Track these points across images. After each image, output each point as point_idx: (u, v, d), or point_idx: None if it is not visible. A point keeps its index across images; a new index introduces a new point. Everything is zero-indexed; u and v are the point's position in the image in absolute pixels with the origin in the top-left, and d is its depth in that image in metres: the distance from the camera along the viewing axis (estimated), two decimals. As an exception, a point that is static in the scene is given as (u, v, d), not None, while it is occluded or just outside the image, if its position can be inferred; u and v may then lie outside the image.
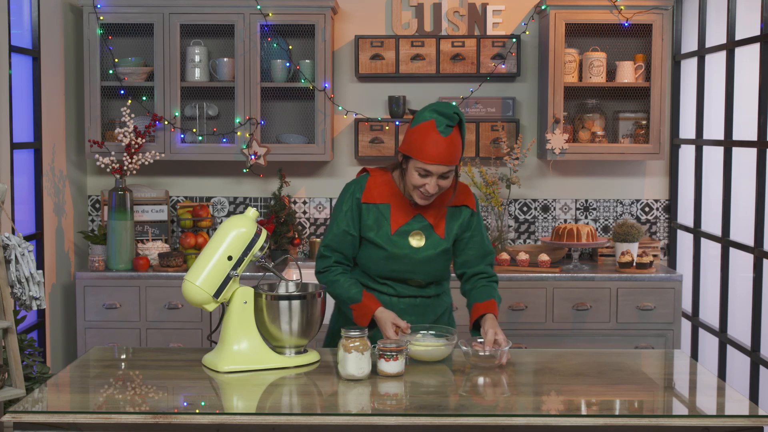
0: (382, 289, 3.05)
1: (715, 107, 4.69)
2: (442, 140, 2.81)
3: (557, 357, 2.94)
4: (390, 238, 2.98)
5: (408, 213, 2.99)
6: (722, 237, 4.44)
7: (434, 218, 3.00)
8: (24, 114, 4.46)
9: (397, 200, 3.00)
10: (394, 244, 2.98)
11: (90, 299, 4.61)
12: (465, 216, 3.04)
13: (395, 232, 2.98)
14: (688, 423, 2.35)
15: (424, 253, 2.98)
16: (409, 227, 2.99)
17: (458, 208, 3.04)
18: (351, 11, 5.13)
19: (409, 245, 2.98)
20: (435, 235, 2.99)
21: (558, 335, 4.63)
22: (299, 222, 5.18)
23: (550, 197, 5.19)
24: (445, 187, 2.90)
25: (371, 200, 3.01)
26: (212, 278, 2.76)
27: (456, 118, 2.83)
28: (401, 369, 2.68)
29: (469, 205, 3.05)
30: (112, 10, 4.78)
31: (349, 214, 3.01)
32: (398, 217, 2.99)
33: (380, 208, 3.00)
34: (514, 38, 4.97)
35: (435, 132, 2.81)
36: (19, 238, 3.39)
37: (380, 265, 3.01)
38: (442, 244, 3.00)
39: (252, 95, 4.82)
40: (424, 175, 2.86)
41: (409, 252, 2.98)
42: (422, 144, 2.82)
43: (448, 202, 3.01)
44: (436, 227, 3.00)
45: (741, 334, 4.33)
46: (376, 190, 3.01)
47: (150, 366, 2.84)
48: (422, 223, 2.99)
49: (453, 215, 3.03)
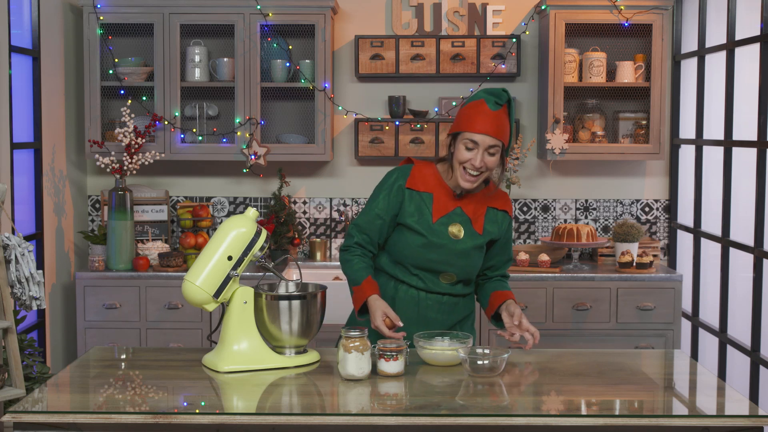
0: (412, 281, 3.04)
1: (715, 107, 4.69)
2: (490, 113, 2.87)
3: (557, 357, 2.94)
4: (431, 226, 2.99)
5: (449, 205, 3.01)
6: (722, 237, 4.44)
7: (473, 214, 3.02)
8: (24, 114, 4.46)
9: (440, 191, 3.02)
10: (434, 232, 2.99)
11: (90, 299, 4.61)
12: (503, 221, 3.08)
13: (436, 221, 2.99)
14: (688, 423, 2.35)
15: (462, 244, 3.00)
16: (449, 219, 3.00)
17: (498, 212, 3.07)
18: (351, 11, 5.13)
19: (448, 235, 3.00)
20: (473, 229, 3.02)
21: (558, 335, 4.63)
22: (299, 222, 5.18)
23: (550, 197, 5.19)
24: (491, 165, 2.92)
25: (414, 187, 3.01)
26: (212, 278, 2.76)
27: (505, 96, 2.90)
28: (401, 369, 2.68)
29: (508, 211, 3.10)
30: (112, 10, 4.78)
31: (386, 199, 3.01)
32: (440, 207, 3.00)
33: (423, 196, 3.01)
34: (514, 38, 4.97)
35: (484, 106, 2.88)
36: (19, 238, 3.39)
37: (417, 253, 3.01)
38: (478, 239, 3.02)
39: (252, 95, 4.82)
40: (471, 148, 2.89)
41: (447, 242, 2.99)
42: (471, 117, 2.89)
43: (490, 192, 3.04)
44: (474, 222, 3.02)
45: (741, 334, 4.33)
46: (421, 178, 3.02)
47: (150, 366, 2.84)
48: (462, 216, 3.01)
49: (492, 216, 3.06)
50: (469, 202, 3.03)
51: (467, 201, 3.03)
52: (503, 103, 2.90)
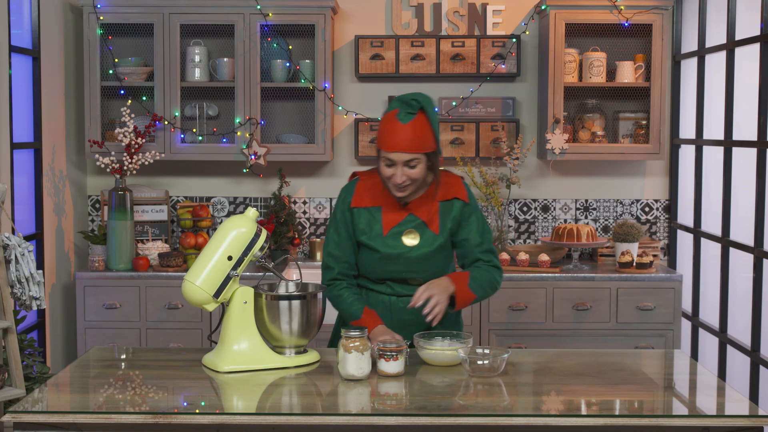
0: (381, 288, 3.04)
1: (715, 107, 4.69)
2: (401, 127, 2.81)
3: (557, 357, 2.94)
4: (383, 239, 2.97)
5: (400, 213, 2.98)
6: (722, 237, 4.44)
7: (427, 215, 2.98)
8: (24, 114, 4.46)
9: (388, 201, 2.99)
10: (387, 245, 2.97)
11: (90, 299, 4.61)
12: (457, 208, 3.00)
13: (388, 233, 2.97)
14: (688, 423, 2.35)
15: (418, 251, 2.97)
16: (401, 227, 2.97)
17: (450, 202, 3.00)
18: (351, 11, 5.13)
19: (403, 244, 2.97)
20: (429, 232, 2.97)
21: (558, 335, 4.64)
22: (299, 222, 5.18)
23: (550, 197, 5.19)
24: (415, 177, 2.86)
25: (362, 204, 3.00)
26: (212, 278, 2.76)
27: (415, 104, 2.82)
28: (401, 369, 2.68)
29: (460, 196, 3.00)
30: (112, 10, 4.78)
31: (343, 222, 3.02)
32: (390, 218, 2.97)
33: (371, 210, 2.99)
34: (514, 38, 4.97)
35: (395, 120, 2.82)
36: (19, 238, 3.39)
37: (376, 266, 3.01)
38: (437, 239, 2.98)
39: (252, 95, 4.82)
40: (389, 164, 2.85)
41: (403, 251, 2.96)
42: (384, 134, 2.84)
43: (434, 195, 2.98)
44: (429, 224, 2.97)
45: (741, 334, 4.33)
46: (366, 193, 3.00)
47: (150, 366, 2.84)
48: (415, 221, 2.98)
49: (446, 209, 3.00)
50: (418, 206, 2.98)
51: (416, 205, 2.98)
52: (415, 111, 2.82)
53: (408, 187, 2.89)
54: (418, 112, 2.83)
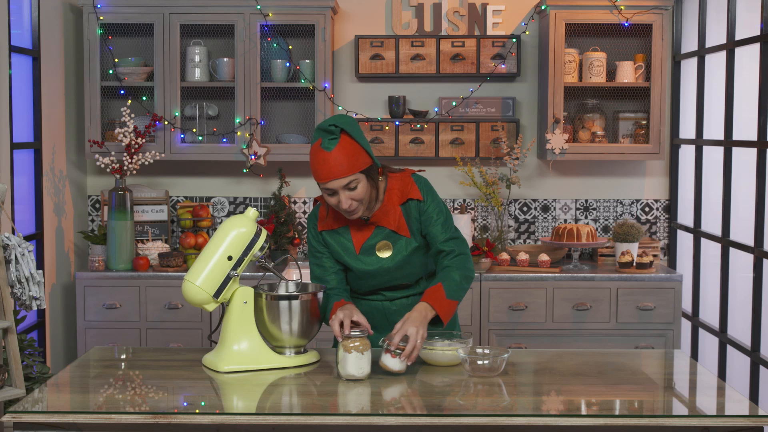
0: (372, 297, 3.05)
1: (715, 107, 4.69)
2: (327, 156, 2.76)
3: (557, 357, 2.94)
4: (357, 257, 2.96)
5: (367, 229, 2.96)
6: (722, 237, 4.44)
7: (394, 223, 2.94)
8: (24, 114, 4.46)
9: (353, 221, 2.96)
10: (362, 261, 2.95)
11: (90, 299, 4.61)
12: (413, 207, 2.96)
13: (360, 250, 2.95)
14: (688, 423, 2.35)
15: (394, 259, 2.95)
16: (372, 241, 2.95)
17: (406, 204, 2.96)
18: (351, 11, 5.13)
19: (378, 258, 2.95)
20: (402, 238, 2.95)
21: (558, 335, 4.63)
22: (299, 222, 5.18)
23: (550, 197, 5.19)
24: (360, 197, 2.82)
25: (329, 227, 2.97)
26: (212, 278, 2.76)
27: (335, 129, 2.77)
28: (403, 367, 2.68)
29: (413, 196, 2.96)
30: (112, 10, 4.78)
31: (317, 245, 3.00)
32: (359, 236, 2.95)
33: (339, 231, 2.97)
34: (514, 38, 4.97)
35: (320, 150, 2.77)
36: (19, 238, 3.39)
37: (360, 283, 3.01)
38: (411, 243, 2.95)
39: (252, 95, 4.82)
40: (330, 194, 2.82)
41: (379, 265, 2.95)
42: (314, 166, 2.79)
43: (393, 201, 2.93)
44: (399, 230, 2.94)
45: (741, 334, 4.33)
46: (330, 216, 2.97)
47: (150, 366, 2.84)
48: (383, 232, 2.95)
49: (407, 212, 2.96)
50: (382, 216, 2.94)
51: (380, 216, 2.94)
52: (338, 135, 2.77)
53: (358, 208, 2.85)
54: (340, 136, 2.77)
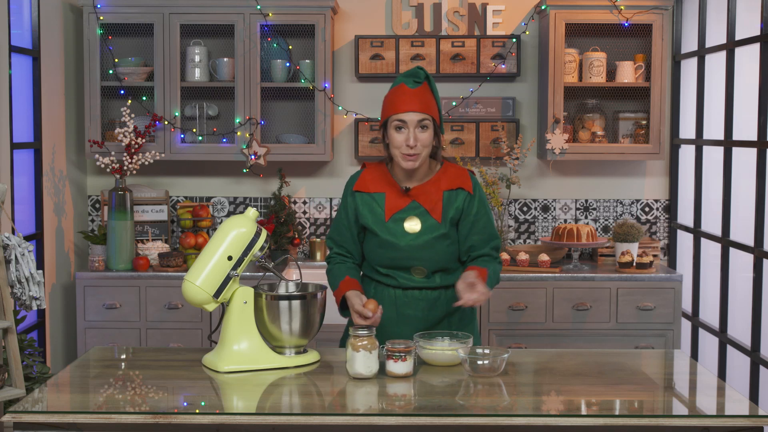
0: (385, 280, 3.05)
1: (715, 107, 4.69)
2: (410, 91, 2.91)
3: (557, 357, 2.94)
4: (384, 224, 3.00)
5: (403, 200, 3.01)
6: (722, 237, 4.44)
7: (430, 204, 3.00)
8: (24, 114, 4.46)
9: (392, 189, 3.03)
10: (388, 230, 2.99)
11: (90, 299, 4.61)
12: (461, 199, 3.01)
13: (390, 218, 3.00)
14: (688, 423, 2.35)
15: (420, 237, 2.98)
16: (404, 213, 3.00)
17: (454, 192, 3.02)
18: (351, 11, 5.13)
19: (404, 230, 2.99)
20: (431, 219, 2.99)
21: (558, 335, 4.64)
22: (299, 222, 5.18)
23: (550, 197, 5.19)
24: (425, 141, 2.91)
25: (364, 189, 3.05)
26: (212, 278, 2.76)
27: (421, 74, 2.94)
28: (409, 370, 2.67)
29: (465, 187, 3.01)
30: (112, 10, 4.78)
31: (345, 208, 3.09)
32: (392, 204, 3.01)
33: (374, 197, 3.04)
34: (514, 38, 4.97)
35: (403, 87, 2.93)
36: (19, 238, 3.39)
37: (379, 253, 3.03)
38: (439, 228, 2.99)
39: (252, 95, 4.82)
40: (400, 127, 2.91)
41: (403, 237, 2.99)
42: (393, 101, 2.93)
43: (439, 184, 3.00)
44: (432, 212, 2.99)
45: (741, 334, 4.33)
46: (371, 180, 3.06)
47: (150, 366, 2.84)
48: (418, 209, 3.00)
49: (449, 199, 3.01)
50: (421, 193, 3.01)
51: (419, 192, 3.01)
52: (422, 80, 2.94)
53: (418, 157, 2.93)
54: (424, 82, 2.94)
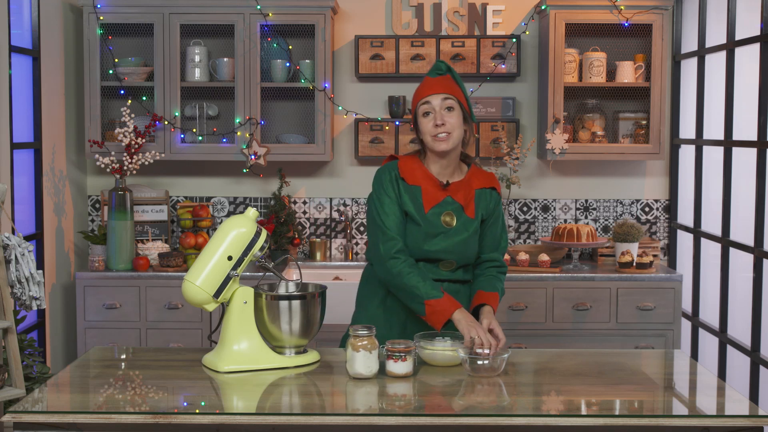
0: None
1: (715, 107, 4.69)
2: (432, 79, 3.04)
3: (557, 357, 2.94)
4: (424, 216, 3.02)
5: (438, 195, 3.04)
6: (722, 237, 4.44)
7: (464, 199, 3.05)
8: (24, 114, 4.46)
9: (427, 182, 3.04)
10: (428, 222, 3.02)
11: (90, 299, 4.61)
12: (492, 199, 3.11)
13: (428, 211, 3.02)
14: (688, 423, 2.35)
15: (456, 232, 3.03)
16: (440, 208, 3.03)
17: (486, 191, 3.10)
18: (351, 11, 5.13)
19: (442, 224, 3.02)
20: (465, 216, 3.04)
21: (558, 335, 4.63)
22: (299, 222, 5.18)
23: (550, 197, 5.19)
24: (454, 125, 2.96)
25: (405, 179, 3.04)
26: (212, 278, 2.76)
27: (442, 66, 3.06)
28: (409, 370, 2.67)
29: (497, 188, 3.12)
30: (112, 10, 4.78)
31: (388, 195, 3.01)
32: (429, 198, 3.03)
33: (412, 189, 3.04)
34: (514, 38, 4.97)
35: (426, 79, 3.07)
36: (19, 238, 3.39)
37: (417, 242, 3.02)
38: (473, 223, 3.05)
39: (252, 95, 4.82)
40: (428, 111, 2.99)
41: (443, 230, 3.02)
42: (418, 92, 3.06)
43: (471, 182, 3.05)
44: (466, 208, 3.05)
45: (741, 334, 4.33)
46: (408, 171, 3.05)
47: (150, 366, 2.84)
48: (453, 204, 3.04)
49: (481, 197, 3.09)
50: (457, 190, 3.05)
51: (455, 189, 3.05)
52: (444, 71, 3.05)
53: (449, 137, 2.96)
54: (446, 73, 3.05)
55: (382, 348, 2.75)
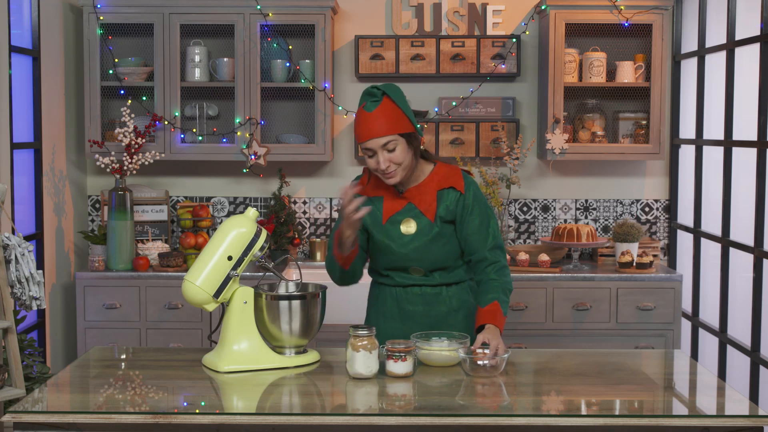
0: (386, 281, 3.08)
1: (715, 107, 4.69)
2: (368, 116, 2.89)
3: (557, 357, 2.94)
4: (382, 227, 3.02)
5: (398, 203, 3.02)
6: (722, 237, 4.44)
7: (425, 204, 3.01)
8: (24, 114, 4.46)
9: (389, 192, 3.04)
10: (385, 232, 3.01)
11: (90, 299, 4.61)
12: (452, 198, 3.01)
13: (387, 220, 3.02)
14: (688, 423, 2.35)
15: (415, 238, 3.00)
16: (400, 216, 3.01)
17: (446, 191, 3.02)
18: (351, 11, 5.13)
19: (400, 232, 3.00)
20: (426, 220, 3.00)
21: (558, 335, 4.63)
22: (299, 222, 5.18)
23: (550, 197, 5.19)
24: (398, 160, 2.89)
25: (365, 193, 3.03)
26: (212, 278, 2.76)
27: (377, 92, 2.93)
28: (410, 370, 2.67)
29: (456, 186, 3.01)
30: (112, 10, 4.78)
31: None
32: (389, 207, 3.02)
33: (373, 200, 3.03)
34: (514, 38, 4.97)
35: (362, 111, 2.91)
36: (19, 238, 3.39)
37: (377, 255, 3.06)
38: (433, 228, 2.99)
39: (252, 95, 4.82)
40: (370, 155, 2.91)
41: (399, 239, 3.00)
42: (356, 127, 2.93)
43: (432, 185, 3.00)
44: (426, 212, 3.00)
45: (741, 334, 4.33)
46: (369, 184, 3.06)
47: (150, 366, 2.84)
48: (413, 210, 3.01)
49: (441, 198, 3.01)
50: (416, 195, 3.01)
51: (414, 194, 3.01)
52: (379, 99, 2.91)
53: (396, 173, 2.92)
54: (382, 99, 2.92)
55: (382, 348, 2.76)
